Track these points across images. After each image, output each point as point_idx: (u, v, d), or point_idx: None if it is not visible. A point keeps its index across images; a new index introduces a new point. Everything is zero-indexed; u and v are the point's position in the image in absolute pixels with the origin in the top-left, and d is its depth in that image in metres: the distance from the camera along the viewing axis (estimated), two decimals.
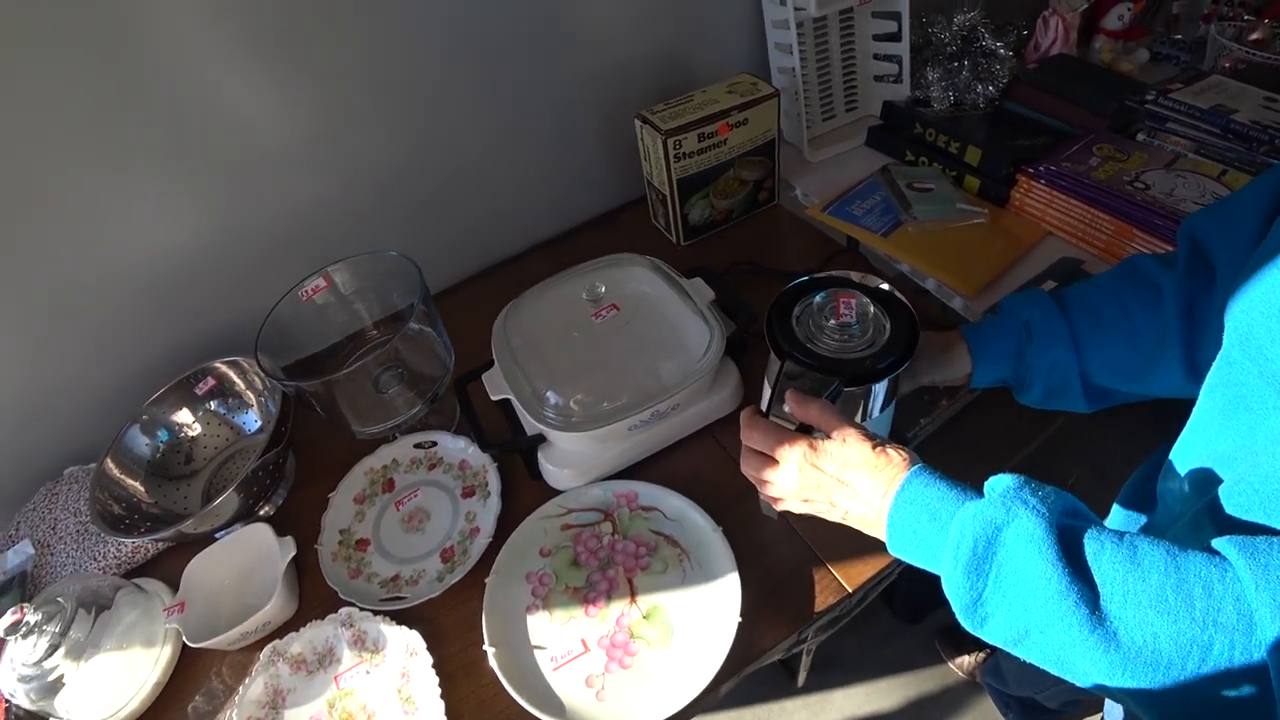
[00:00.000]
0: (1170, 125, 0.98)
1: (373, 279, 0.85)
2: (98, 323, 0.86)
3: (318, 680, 0.70)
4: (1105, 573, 0.37)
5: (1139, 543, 0.38)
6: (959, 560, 0.41)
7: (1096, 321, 0.59)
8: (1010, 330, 0.61)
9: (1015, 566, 0.39)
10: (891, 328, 0.57)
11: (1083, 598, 0.37)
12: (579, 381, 0.75)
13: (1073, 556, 0.38)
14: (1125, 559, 0.37)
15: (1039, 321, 0.60)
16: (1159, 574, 0.36)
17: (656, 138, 0.93)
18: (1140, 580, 0.36)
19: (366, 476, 0.84)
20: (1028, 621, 0.39)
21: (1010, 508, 0.40)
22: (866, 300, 0.57)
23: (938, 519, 0.44)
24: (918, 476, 0.46)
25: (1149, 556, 0.37)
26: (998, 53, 1.09)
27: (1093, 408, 0.62)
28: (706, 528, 0.72)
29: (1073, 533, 0.39)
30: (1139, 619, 0.36)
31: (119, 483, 0.82)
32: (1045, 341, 0.60)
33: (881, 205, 0.98)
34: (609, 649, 0.67)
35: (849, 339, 0.56)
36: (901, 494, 0.46)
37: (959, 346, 0.63)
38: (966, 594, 0.41)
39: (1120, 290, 0.59)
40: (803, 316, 0.59)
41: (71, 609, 0.68)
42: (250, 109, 0.81)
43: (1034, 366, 0.61)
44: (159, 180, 0.80)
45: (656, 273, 0.83)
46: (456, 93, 0.92)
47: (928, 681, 1.36)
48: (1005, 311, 0.63)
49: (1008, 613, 0.40)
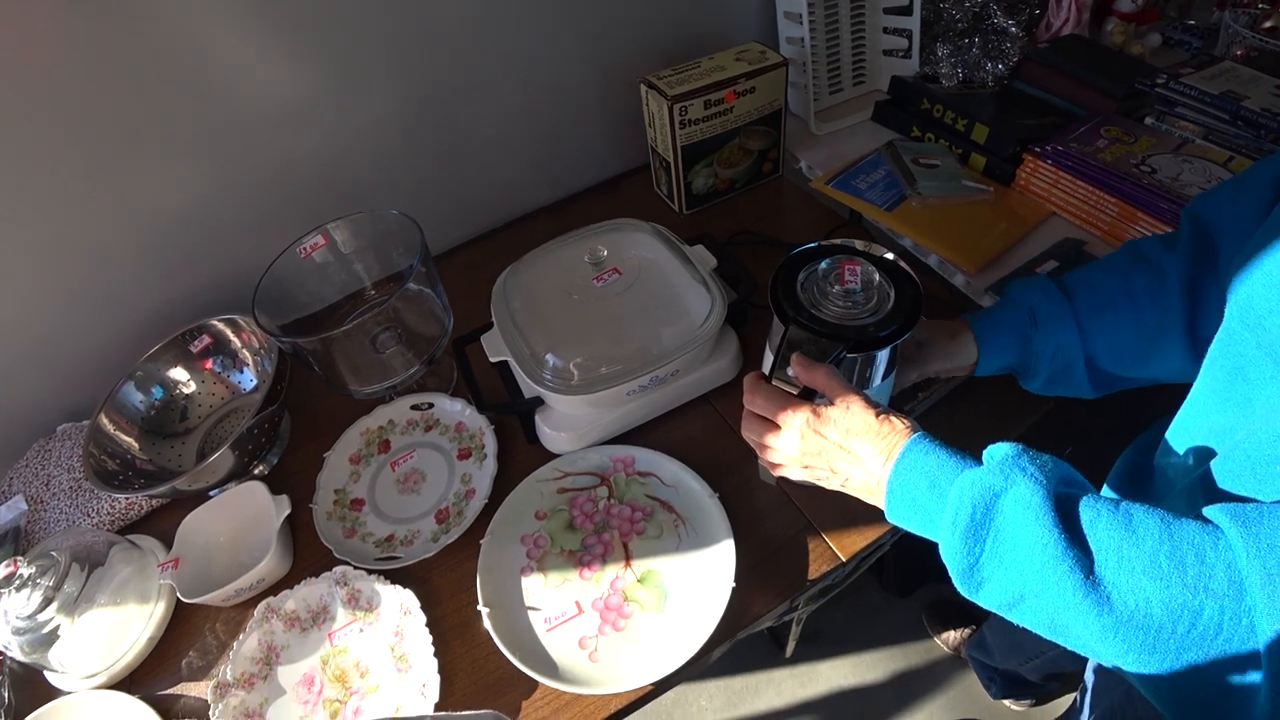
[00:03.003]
0: (1179, 110, 0.97)
1: (372, 238, 0.84)
2: (92, 277, 0.84)
3: (311, 637, 0.70)
4: (1100, 538, 0.38)
5: (1134, 510, 0.38)
6: (957, 526, 0.41)
7: (1100, 304, 0.59)
8: (1015, 317, 0.61)
9: (1012, 532, 0.40)
10: (896, 296, 0.57)
11: (1078, 563, 0.37)
12: (578, 345, 0.74)
13: (1069, 522, 0.38)
14: (1120, 525, 0.38)
15: (1043, 307, 0.60)
16: (1153, 540, 0.37)
17: (662, 103, 0.91)
18: (1134, 546, 0.37)
19: (362, 437, 0.83)
20: (1024, 586, 0.40)
21: (1009, 475, 0.41)
22: (872, 268, 0.57)
23: (937, 486, 0.44)
24: (918, 444, 0.46)
25: (1144, 523, 0.37)
26: (1009, 30, 1.08)
27: (1097, 393, 0.62)
28: (703, 494, 0.72)
29: (1069, 500, 0.40)
30: (1132, 584, 0.36)
31: (113, 439, 0.81)
32: (1050, 327, 0.60)
33: (886, 180, 0.97)
34: (603, 612, 0.68)
35: (853, 306, 0.56)
36: (902, 461, 0.46)
37: (965, 335, 0.63)
38: (964, 559, 0.41)
39: (1124, 273, 0.59)
40: (807, 282, 0.58)
41: (65, 563, 0.68)
42: (248, 64, 0.79)
43: (1039, 353, 0.61)
44: (155, 132, 0.79)
45: (659, 238, 0.83)
46: (460, 51, 0.91)
47: (913, 656, 1.38)
48: (1010, 298, 0.63)
49: (1004, 577, 0.40)
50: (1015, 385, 0.79)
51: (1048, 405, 0.77)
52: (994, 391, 0.79)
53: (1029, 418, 0.77)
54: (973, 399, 0.79)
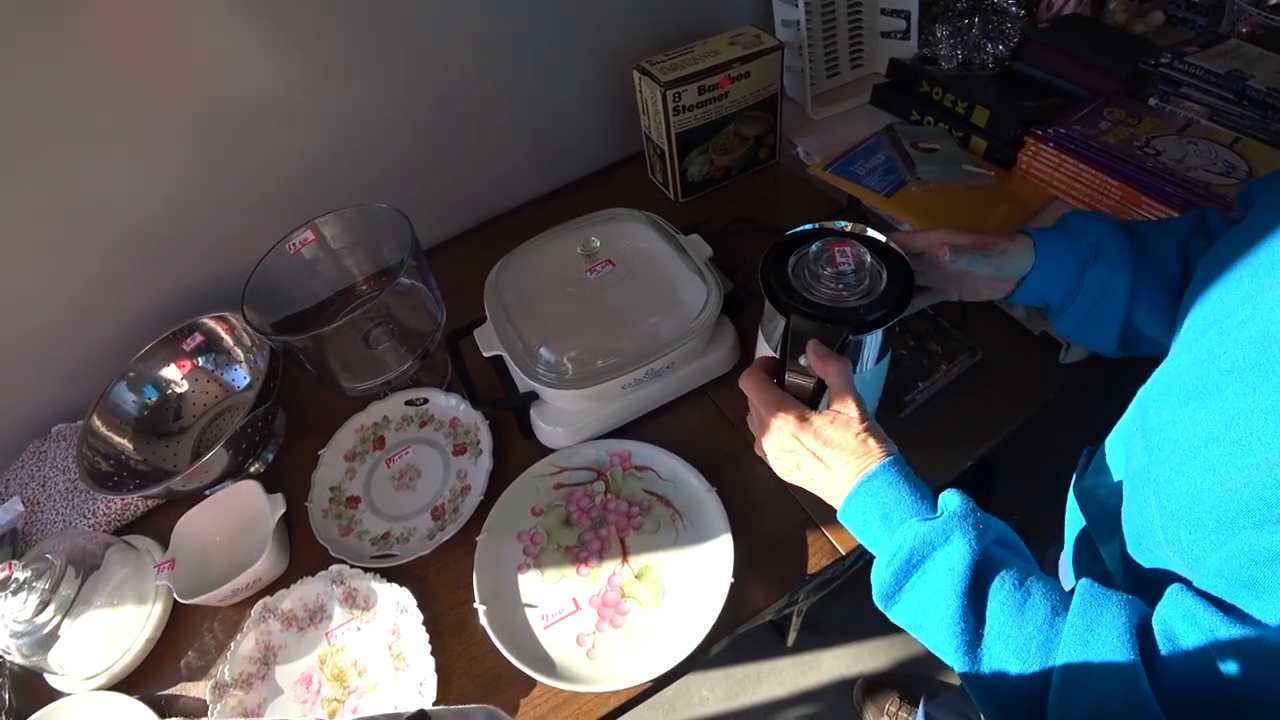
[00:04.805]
0: (1184, 90, 0.95)
1: (362, 233, 0.83)
2: (81, 278, 0.84)
3: (309, 637, 0.70)
4: (994, 610, 0.43)
5: (1034, 592, 0.43)
6: (892, 564, 0.47)
7: (1154, 261, 0.57)
8: (1078, 246, 0.58)
9: (929, 585, 0.45)
10: (888, 276, 0.56)
11: (966, 628, 0.43)
12: (573, 338, 0.73)
13: (977, 588, 0.44)
14: (1015, 605, 0.43)
15: (1107, 243, 0.57)
16: (1033, 627, 0.42)
17: (656, 90, 0.90)
18: (1017, 627, 0.42)
19: (357, 434, 0.83)
20: (923, 623, 0.46)
21: (949, 533, 0.45)
22: (862, 249, 0.56)
23: (889, 519, 0.48)
24: (885, 472, 0.49)
25: (1035, 609, 0.42)
26: (1009, 10, 1.06)
27: (1119, 351, 0.60)
28: (700, 488, 0.72)
29: (990, 566, 0.44)
30: (1001, 658, 0.42)
31: (107, 440, 0.81)
32: (1107, 266, 0.57)
33: (885, 165, 0.96)
34: (600, 608, 0.67)
35: (845, 288, 0.55)
36: (866, 484, 0.49)
37: (1024, 242, 0.59)
38: (888, 587, 0.47)
39: (1183, 239, 0.57)
40: (798, 267, 0.57)
41: (60, 566, 0.68)
42: (234, 57, 0.78)
43: (1087, 289, 0.58)
44: (140, 130, 0.77)
45: (653, 228, 0.81)
46: (449, 41, 0.89)
47: (914, 644, 1.37)
48: (1071, 227, 0.60)
49: (911, 611, 0.47)
50: (1013, 377, 0.78)
51: (1044, 399, 0.76)
52: (993, 382, 0.78)
53: (1026, 409, 0.76)
54: (972, 387, 0.78)
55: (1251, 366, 0.37)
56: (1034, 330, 0.81)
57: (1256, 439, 0.35)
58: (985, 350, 0.80)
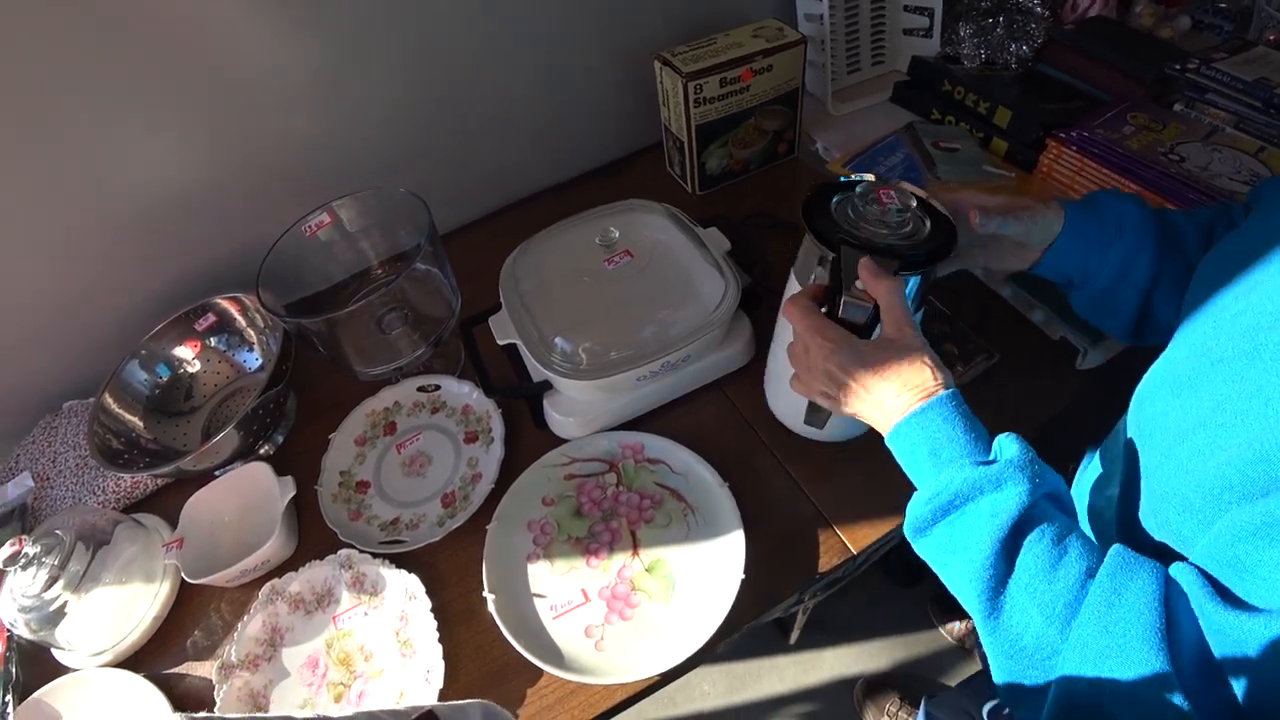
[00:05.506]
0: (1210, 96, 0.94)
1: (379, 216, 0.82)
2: (96, 255, 0.83)
3: (316, 620, 0.70)
4: (1026, 562, 0.42)
5: (1071, 550, 0.42)
6: (934, 501, 0.45)
7: (1180, 246, 0.57)
8: (1105, 219, 0.58)
9: (967, 526, 0.44)
10: (931, 225, 0.55)
11: (996, 574, 0.42)
12: (588, 328, 0.73)
13: (1015, 538, 0.42)
14: (1049, 561, 0.42)
15: (1132, 218, 0.57)
16: (1063, 585, 0.41)
17: (677, 81, 0.89)
18: (1046, 583, 0.41)
19: (368, 418, 0.83)
20: (949, 562, 0.46)
21: (1000, 480, 0.43)
22: (907, 193, 0.55)
23: (937, 456, 0.47)
24: (942, 406, 0.47)
25: (1069, 567, 0.41)
26: (1034, 11, 1.05)
27: (1132, 336, 0.60)
28: (713, 483, 0.71)
29: (1034, 518, 0.43)
30: (1024, 610, 0.42)
31: (118, 417, 0.80)
32: (1131, 241, 0.57)
33: (904, 163, 0.95)
34: (609, 600, 0.67)
35: (889, 230, 0.54)
36: (919, 416, 0.48)
37: (1056, 207, 0.59)
38: (922, 521, 0.46)
39: (1207, 226, 0.57)
40: (840, 206, 0.56)
41: (70, 542, 0.68)
42: (254, 38, 0.77)
43: (1109, 261, 0.58)
44: (159, 109, 0.77)
45: (672, 220, 0.81)
46: (469, 25, 0.88)
47: (917, 645, 1.38)
48: (1101, 202, 0.59)
49: (938, 549, 0.46)
50: (1030, 381, 0.77)
51: (1061, 404, 0.76)
52: (1009, 385, 0.77)
53: (1042, 413, 0.76)
54: (988, 390, 0.77)
55: (1239, 355, 0.39)
56: (1053, 335, 0.81)
57: (1241, 420, 0.36)
58: (1002, 353, 0.79)
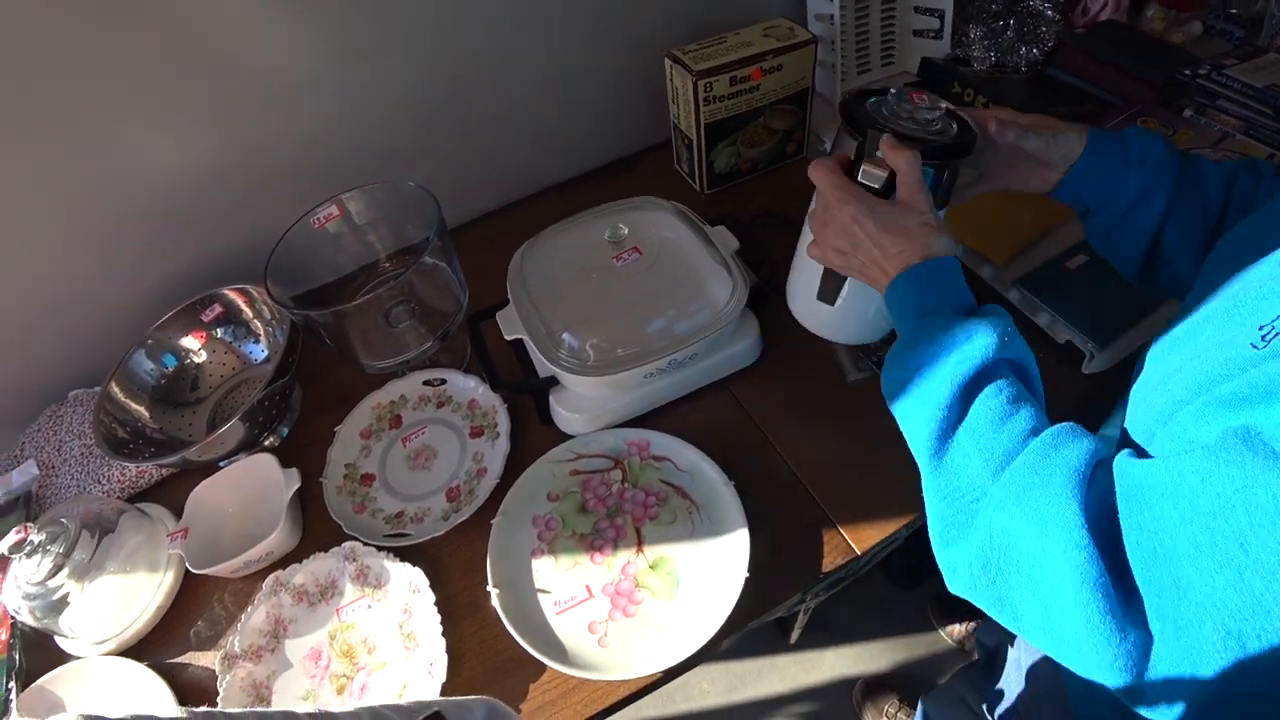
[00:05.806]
0: (1220, 102, 0.94)
1: (388, 209, 0.82)
2: (103, 244, 0.83)
3: (319, 612, 0.70)
4: (978, 412, 0.45)
5: (1023, 411, 0.45)
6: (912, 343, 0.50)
7: (1200, 186, 0.57)
8: (1128, 148, 0.59)
9: (934, 370, 0.47)
10: (957, 130, 0.58)
11: (949, 416, 0.46)
12: (596, 325, 0.73)
13: (974, 388, 0.46)
14: (998, 415, 0.45)
15: (1157, 154, 0.58)
16: (1007, 437, 0.44)
17: (687, 79, 0.89)
18: (992, 433, 0.44)
19: (374, 412, 0.83)
20: (908, 394, 0.49)
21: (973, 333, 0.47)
22: (938, 98, 0.58)
23: (923, 307, 0.51)
24: (937, 267, 0.51)
25: (1016, 424, 0.44)
26: (1044, 14, 1.04)
27: (1140, 277, 0.62)
28: (718, 481, 0.71)
29: (994, 375, 0.46)
30: (966, 453, 0.45)
31: (124, 407, 0.81)
32: (1152, 173, 0.57)
33: None
34: (613, 597, 0.67)
35: (919, 128, 0.57)
36: (914, 270, 0.51)
37: (1079, 129, 0.60)
38: (896, 359, 0.51)
39: (1235, 172, 0.57)
40: (874, 105, 0.59)
41: (75, 530, 0.68)
42: (265, 28, 0.77)
43: (1127, 189, 0.58)
44: (168, 98, 0.77)
45: (680, 218, 0.81)
46: (479, 20, 0.88)
47: (917, 646, 1.38)
48: (1127, 135, 0.60)
49: (895, 378, 0.50)
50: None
51: (1066, 408, 0.76)
52: None
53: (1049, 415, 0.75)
54: None
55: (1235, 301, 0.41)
56: (1059, 339, 0.80)
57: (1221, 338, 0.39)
58: None
